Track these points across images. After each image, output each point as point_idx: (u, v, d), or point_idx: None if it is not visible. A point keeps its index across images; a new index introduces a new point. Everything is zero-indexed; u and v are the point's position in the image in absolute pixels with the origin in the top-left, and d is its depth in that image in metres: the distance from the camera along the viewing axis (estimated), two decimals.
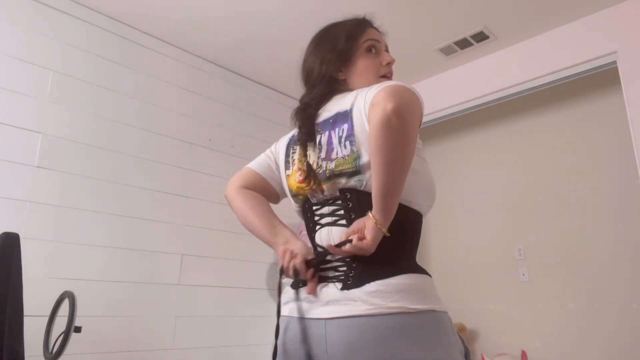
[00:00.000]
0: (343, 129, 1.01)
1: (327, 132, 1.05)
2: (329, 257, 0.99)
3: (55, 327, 1.80)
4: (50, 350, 1.71)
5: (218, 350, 2.67)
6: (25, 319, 1.56)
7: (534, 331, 3.15)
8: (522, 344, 3.17)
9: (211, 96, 3.00)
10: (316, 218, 1.06)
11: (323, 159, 1.03)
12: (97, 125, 2.44)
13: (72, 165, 2.30)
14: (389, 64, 1.16)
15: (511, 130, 3.59)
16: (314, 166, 1.05)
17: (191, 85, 2.91)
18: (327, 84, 1.14)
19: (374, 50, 1.16)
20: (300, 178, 1.07)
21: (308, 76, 1.19)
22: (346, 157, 0.99)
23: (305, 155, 1.07)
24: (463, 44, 2.86)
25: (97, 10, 2.53)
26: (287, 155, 1.15)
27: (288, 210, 1.24)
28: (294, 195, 1.11)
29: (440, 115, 3.20)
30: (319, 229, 1.05)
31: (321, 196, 1.05)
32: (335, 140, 1.02)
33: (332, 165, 1.01)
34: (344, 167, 0.99)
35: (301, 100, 1.17)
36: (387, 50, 1.21)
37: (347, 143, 0.99)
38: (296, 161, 1.10)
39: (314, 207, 1.07)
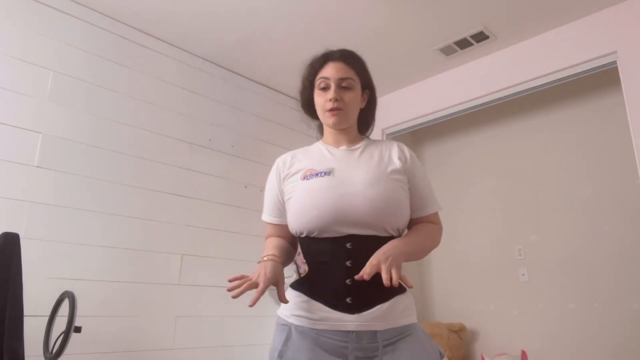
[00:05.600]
0: None
1: None
2: None
3: (55, 327, 1.81)
4: (50, 350, 1.71)
5: (218, 350, 2.67)
6: (25, 319, 1.56)
7: (534, 331, 3.15)
8: (522, 344, 3.17)
9: (211, 96, 3.00)
10: None
11: None
12: (97, 125, 2.44)
13: (72, 165, 2.30)
14: (331, 100, 1.22)
15: (511, 130, 3.59)
16: None
17: (191, 85, 2.90)
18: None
19: (324, 87, 1.25)
20: None
21: None
22: None
23: None
24: (463, 44, 2.86)
25: (96, 10, 2.53)
26: None
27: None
28: None
29: (440, 115, 3.20)
30: None
31: None
32: None
33: None
34: None
35: None
36: (344, 78, 1.23)
37: None
38: None
39: None
